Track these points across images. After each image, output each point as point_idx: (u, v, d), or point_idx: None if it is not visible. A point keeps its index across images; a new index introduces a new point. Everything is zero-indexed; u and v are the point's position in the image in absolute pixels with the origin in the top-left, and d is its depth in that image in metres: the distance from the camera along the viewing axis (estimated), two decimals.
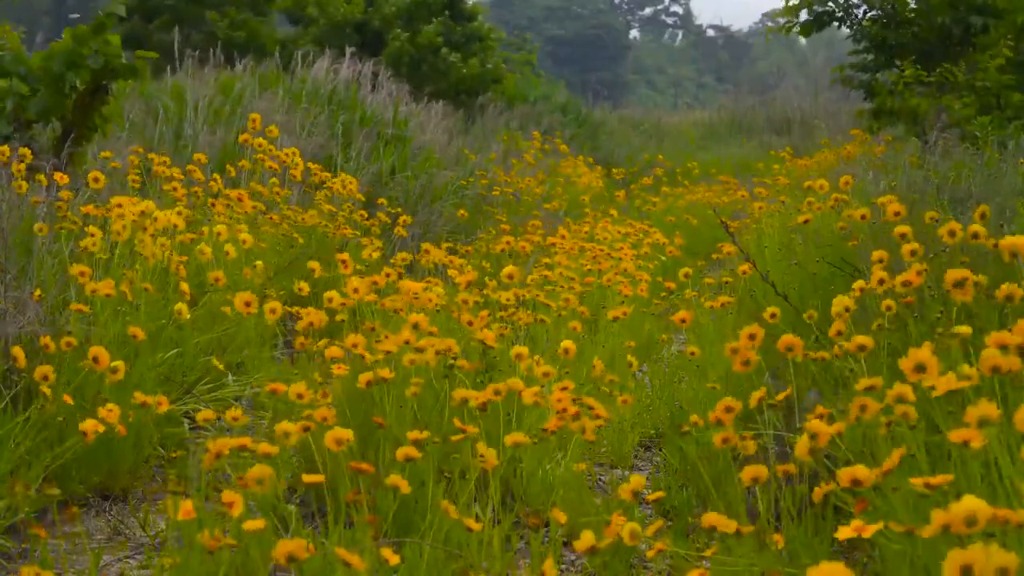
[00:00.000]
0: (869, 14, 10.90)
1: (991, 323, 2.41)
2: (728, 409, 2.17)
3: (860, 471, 1.70)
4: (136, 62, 5.32)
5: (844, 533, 1.49)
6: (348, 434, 2.06)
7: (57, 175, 4.32)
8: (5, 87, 5.25)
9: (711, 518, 1.86)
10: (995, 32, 9.65)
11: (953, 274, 2.31)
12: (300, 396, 2.34)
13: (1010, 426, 1.63)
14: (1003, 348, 1.80)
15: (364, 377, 2.66)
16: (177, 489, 2.11)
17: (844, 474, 1.69)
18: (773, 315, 3.19)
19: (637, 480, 1.89)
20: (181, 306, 3.48)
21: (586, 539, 1.75)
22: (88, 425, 2.34)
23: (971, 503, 1.39)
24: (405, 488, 1.99)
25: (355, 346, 2.85)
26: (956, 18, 9.95)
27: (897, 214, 3.45)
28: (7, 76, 5.28)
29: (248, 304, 3.17)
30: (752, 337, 2.36)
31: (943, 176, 4.93)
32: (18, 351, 2.64)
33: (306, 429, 2.23)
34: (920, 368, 1.90)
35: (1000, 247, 2.27)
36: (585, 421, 2.57)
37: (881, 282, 2.74)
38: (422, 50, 15.45)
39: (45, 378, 2.64)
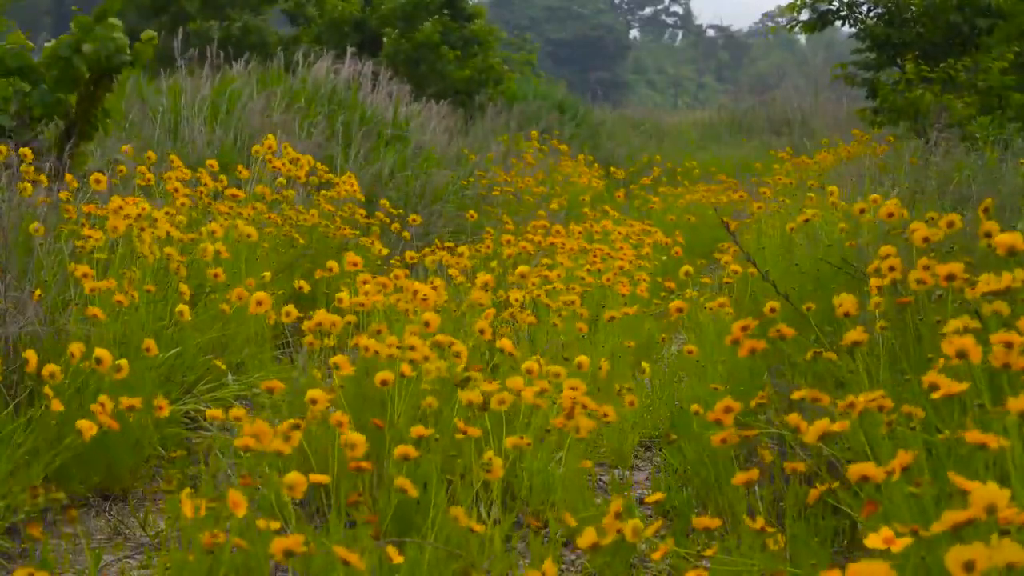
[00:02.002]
0: (873, 12, 10.91)
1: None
2: (728, 410, 2.16)
3: (869, 468, 1.68)
4: (139, 46, 5.32)
5: (873, 542, 1.48)
6: (361, 439, 2.06)
7: (68, 176, 4.32)
8: (9, 83, 5.25)
9: (703, 521, 1.86)
10: (999, 33, 9.67)
11: (944, 268, 2.30)
12: (314, 401, 2.33)
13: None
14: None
15: (380, 376, 2.66)
16: (173, 488, 2.11)
17: (854, 471, 1.68)
18: (773, 309, 3.18)
19: (617, 503, 1.90)
20: (183, 308, 3.48)
21: (588, 536, 1.75)
22: (84, 424, 2.34)
23: (991, 491, 1.37)
24: (412, 492, 1.99)
25: (366, 349, 2.85)
26: (963, 18, 9.97)
27: (891, 215, 3.44)
28: (10, 74, 5.29)
29: (260, 303, 3.17)
30: (745, 328, 2.34)
31: (944, 176, 4.93)
32: (31, 354, 2.63)
33: (296, 427, 2.23)
34: (962, 354, 1.88)
35: (995, 244, 2.25)
36: (581, 420, 2.56)
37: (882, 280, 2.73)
38: (419, 49, 15.43)
39: (52, 376, 2.63)
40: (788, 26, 11.31)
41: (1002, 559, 1.22)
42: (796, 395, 2.16)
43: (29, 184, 4.14)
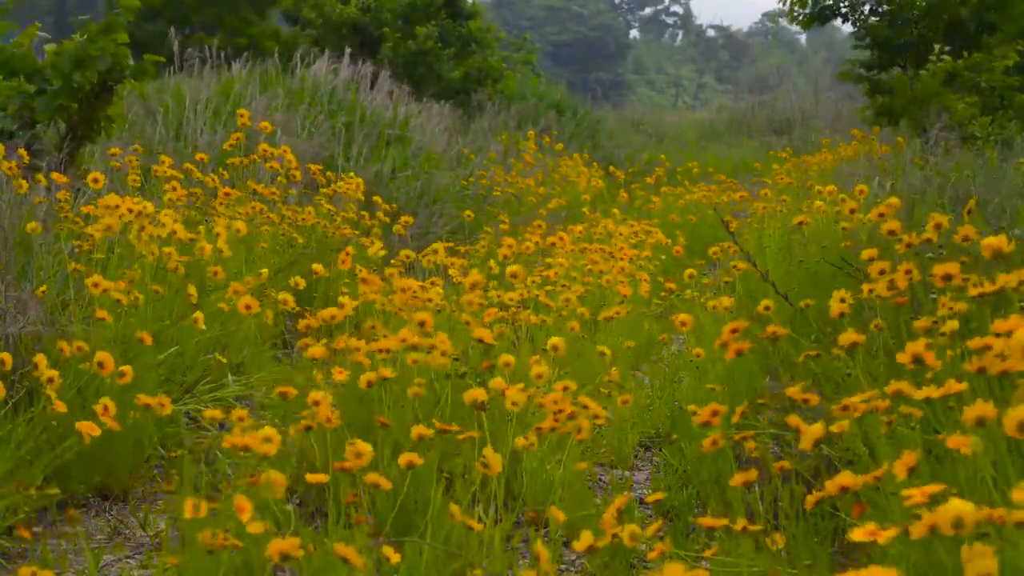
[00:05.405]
0: (875, 10, 10.91)
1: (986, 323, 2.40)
2: (715, 413, 2.15)
3: (847, 478, 1.69)
4: (144, 64, 5.32)
5: (858, 535, 1.48)
6: (367, 448, 2.04)
7: (55, 175, 4.32)
8: (13, 86, 5.25)
9: (708, 519, 1.86)
10: (1001, 35, 9.67)
11: (941, 269, 2.30)
12: (316, 403, 2.33)
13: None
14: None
15: (365, 378, 2.66)
16: (173, 488, 2.11)
17: (832, 483, 1.68)
18: (767, 307, 3.18)
19: (621, 500, 1.90)
20: (198, 315, 3.48)
21: (585, 539, 1.75)
22: (84, 426, 2.33)
23: (958, 506, 1.38)
24: (386, 485, 1.98)
25: (357, 350, 2.85)
26: (971, 13, 9.97)
27: (882, 215, 3.43)
28: (15, 75, 5.29)
29: (248, 308, 3.16)
30: (735, 331, 2.34)
31: (944, 176, 4.93)
32: (40, 358, 2.62)
33: (308, 428, 2.23)
34: (917, 360, 1.88)
35: (981, 247, 2.25)
36: (581, 420, 2.56)
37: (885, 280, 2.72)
38: (416, 51, 15.43)
39: (50, 381, 2.63)
40: (790, 12, 11.28)
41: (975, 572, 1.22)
42: (790, 394, 2.16)
43: (24, 181, 4.13)
